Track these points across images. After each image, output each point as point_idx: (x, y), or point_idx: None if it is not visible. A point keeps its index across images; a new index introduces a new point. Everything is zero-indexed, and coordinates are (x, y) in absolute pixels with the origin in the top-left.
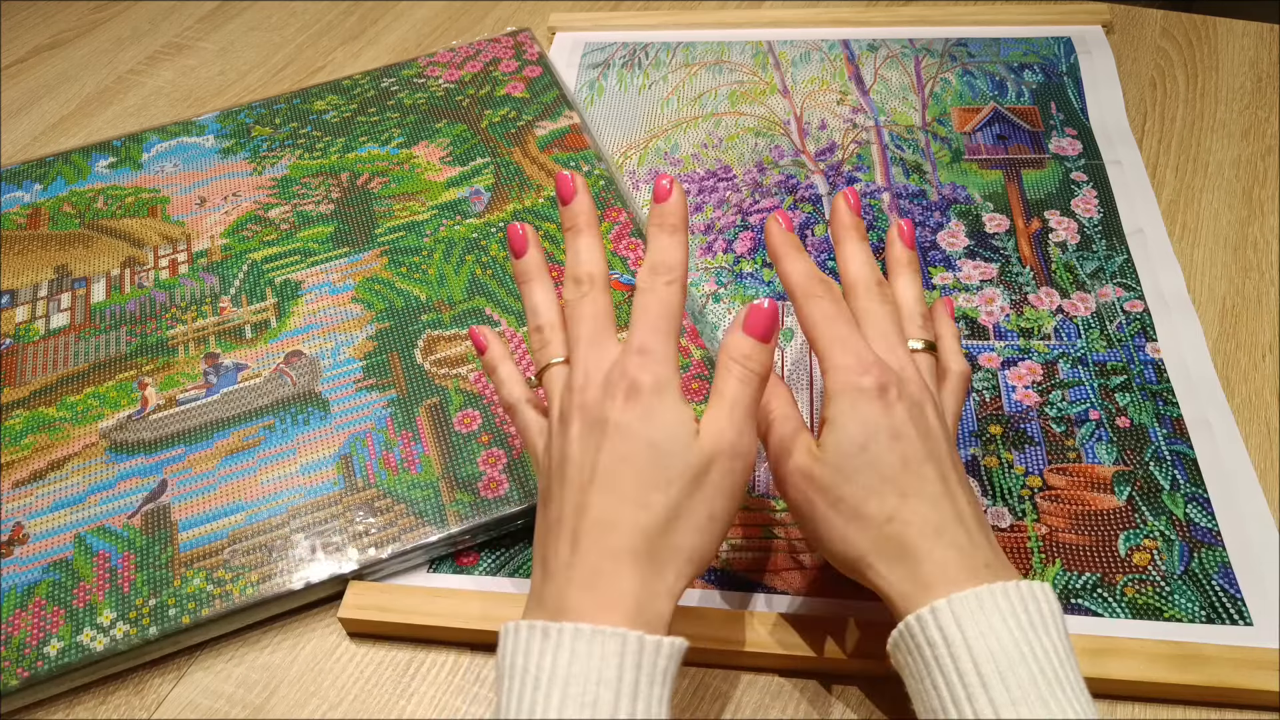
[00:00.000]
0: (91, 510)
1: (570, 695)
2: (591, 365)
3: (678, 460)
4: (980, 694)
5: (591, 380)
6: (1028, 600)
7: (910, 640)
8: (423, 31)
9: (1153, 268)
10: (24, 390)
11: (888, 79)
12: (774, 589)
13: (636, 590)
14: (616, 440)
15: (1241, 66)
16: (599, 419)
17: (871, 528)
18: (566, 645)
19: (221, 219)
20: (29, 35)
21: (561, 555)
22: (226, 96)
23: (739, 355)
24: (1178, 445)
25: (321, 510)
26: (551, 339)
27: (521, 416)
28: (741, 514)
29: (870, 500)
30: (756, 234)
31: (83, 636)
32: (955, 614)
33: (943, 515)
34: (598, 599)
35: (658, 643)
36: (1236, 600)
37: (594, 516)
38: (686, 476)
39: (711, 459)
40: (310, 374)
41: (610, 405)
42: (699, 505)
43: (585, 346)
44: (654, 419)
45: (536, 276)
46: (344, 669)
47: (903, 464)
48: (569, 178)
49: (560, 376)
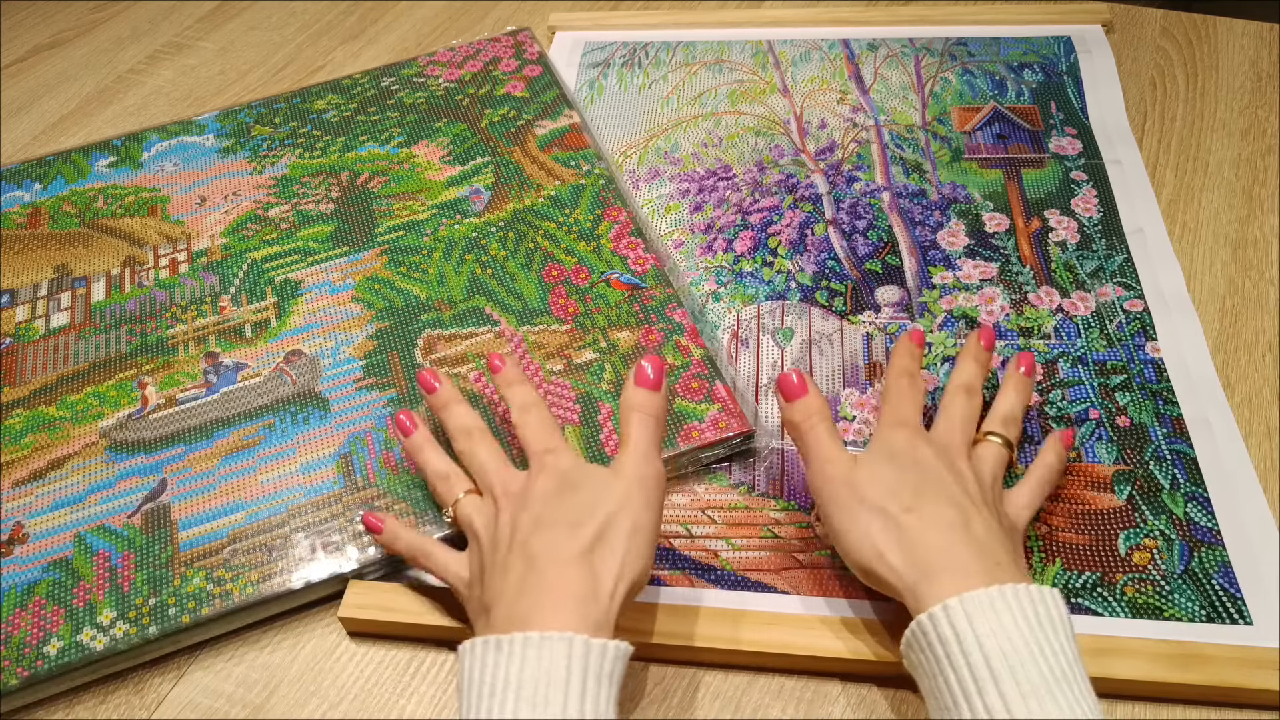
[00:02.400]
0: (91, 509)
1: (523, 698)
2: (507, 478)
3: (599, 490)
4: (991, 689)
5: (512, 484)
6: (1037, 602)
7: (923, 638)
8: (423, 31)
9: (1153, 267)
10: (24, 389)
11: (888, 78)
12: (774, 589)
13: (580, 590)
14: (541, 499)
15: (1241, 66)
16: (526, 493)
17: (889, 520)
18: (518, 653)
19: (221, 218)
20: (29, 35)
21: (498, 588)
22: (226, 96)
23: (636, 404)
24: (1178, 444)
25: (321, 509)
26: (455, 480)
27: (439, 559)
28: (741, 514)
29: (892, 499)
30: (756, 233)
31: (83, 636)
32: (967, 612)
33: (958, 513)
34: (544, 603)
35: (604, 645)
36: (1236, 600)
37: (529, 545)
38: (608, 498)
39: (628, 486)
40: (310, 373)
41: (534, 481)
42: (624, 518)
43: (495, 471)
44: (572, 475)
45: (426, 445)
46: (344, 668)
47: (922, 476)
48: (429, 378)
49: (473, 501)
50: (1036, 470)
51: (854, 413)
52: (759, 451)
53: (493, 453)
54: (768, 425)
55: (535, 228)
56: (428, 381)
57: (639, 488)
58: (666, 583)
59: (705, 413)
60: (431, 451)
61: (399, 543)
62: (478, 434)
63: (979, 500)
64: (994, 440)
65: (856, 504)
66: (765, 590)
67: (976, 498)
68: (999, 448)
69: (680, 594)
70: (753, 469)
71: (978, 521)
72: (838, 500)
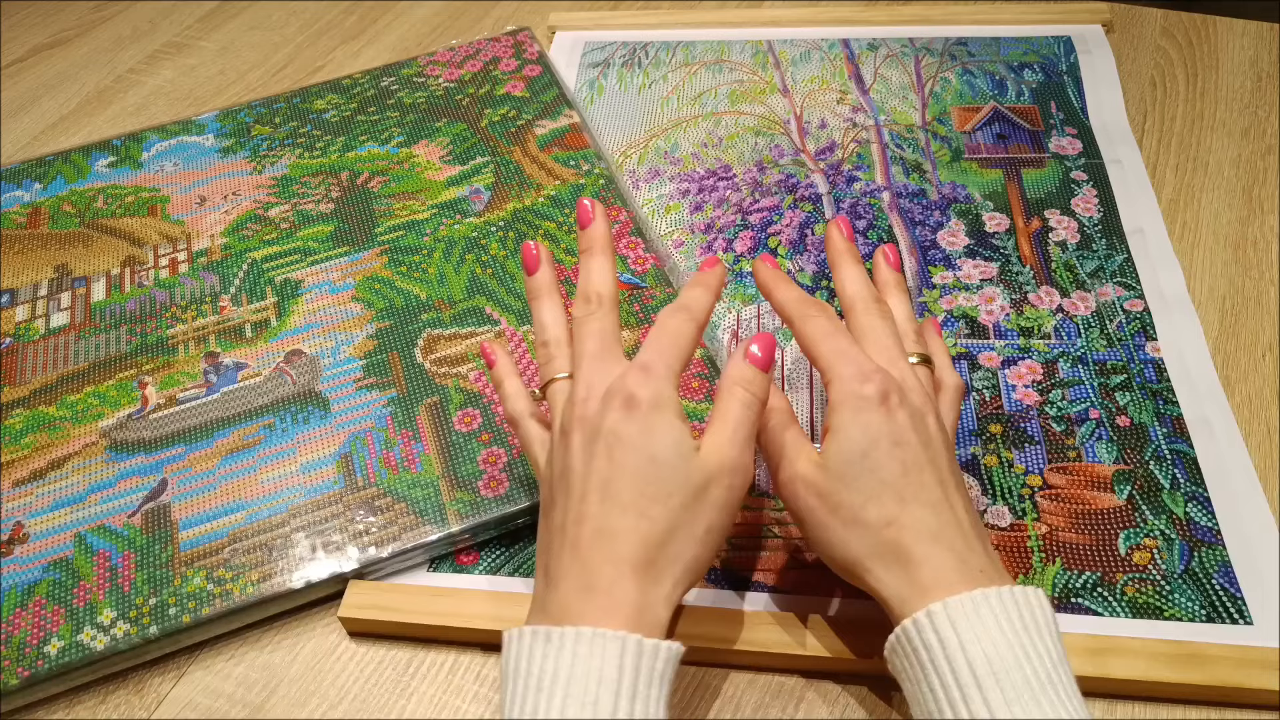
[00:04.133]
0: (92, 509)
1: (572, 695)
2: (594, 380)
3: (678, 474)
4: (975, 695)
5: (593, 394)
6: (1021, 605)
7: (907, 644)
8: (422, 31)
9: (1153, 267)
10: (24, 389)
11: (888, 78)
12: (775, 588)
13: (636, 598)
14: (616, 451)
15: (1241, 66)
16: (597, 429)
17: (870, 533)
18: (568, 648)
19: (221, 218)
20: (29, 34)
21: (563, 563)
22: (226, 96)
23: (742, 380)
24: (1178, 444)
25: (322, 509)
26: (557, 354)
27: (524, 430)
28: (741, 512)
29: (870, 506)
30: (756, 233)
31: (83, 635)
32: (950, 617)
33: (940, 521)
34: (599, 605)
35: (656, 646)
36: (1237, 599)
37: (595, 525)
38: (687, 491)
39: (712, 476)
40: (310, 373)
41: (608, 416)
42: (698, 519)
43: (589, 362)
44: (653, 433)
45: (546, 293)
46: (344, 668)
47: (903, 470)
48: (589, 206)
49: (563, 391)
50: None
51: None
52: (758, 453)
53: (602, 338)
54: None
55: (535, 227)
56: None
57: (725, 481)
58: None
59: (705, 412)
60: (549, 304)
61: (500, 388)
62: (598, 306)
63: (950, 477)
64: (915, 362)
65: (828, 514)
66: (766, 590)
67: (949, 474)
68: (924, 369)
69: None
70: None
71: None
72: (807, 509)
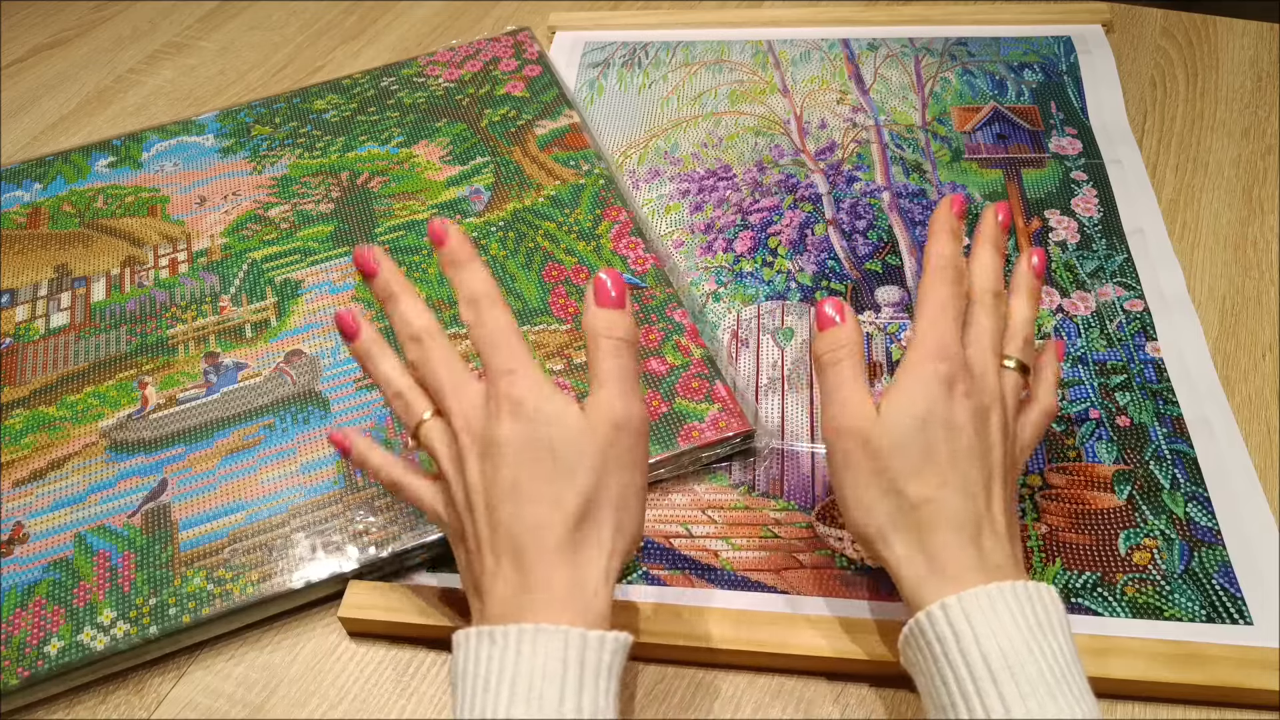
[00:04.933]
0: (92, 509)
1: (517, 694)
2: (466, 404)
3: (575, 450)
4: (990, 689)
5: (471, 416)
6: (1035, 601)
7: (921, 637)
8: (422, 31)
9: (1153, 267)
10: (24, 389)
11: (888, 78)
12: (774, 589)
13: (571, 582)
14: (511, 453)
15: (1242, 66)
16: (490, 441)
17: (904, 505)
18: (512, 646)
19: (221, 218)
20: (29, 34)
21: (489, 570)
22: (226, 96)
23: (602, 330)
24: (1178, 444)
25: (322, 509)
26: (413, 399)
27: (412, 488)
28: (741, 514)
29: (912, 481)
30: (756, 233)
31: (83, 636)
32: (965, 610)
33: (973, 513)
34: (538, 599)
35: (601, 638)
36: (1237, 599)
37: (511, 528)
38: (587, 463)
39: (608, 439)
40: (310, 373)
41: (497, 426)
42: (608, 484)
43: (451, 392)
44: (541, 422)
45: (376, 351)
46: (344, 668)
47: (950, 454)
48: (367, 255)
49: (435, 428)
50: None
51: None
52: (759, 451)
53: (449, 367)
54: (768, 425)
55: (535, 227)
56: (365, 262)
57: (621, 440)
58: (666, 582)
59: (705, 412)
60: (382, 359)
61: (368, 465)
62: (429, 340)
63: (999, 479)
64: (1010, 366)
65: (870, 474)
66: (766, 590)
67: (998, 475)
68: (1017, 376)
69: (680, 594)
70: (753, 469)
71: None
72: (850, 462)
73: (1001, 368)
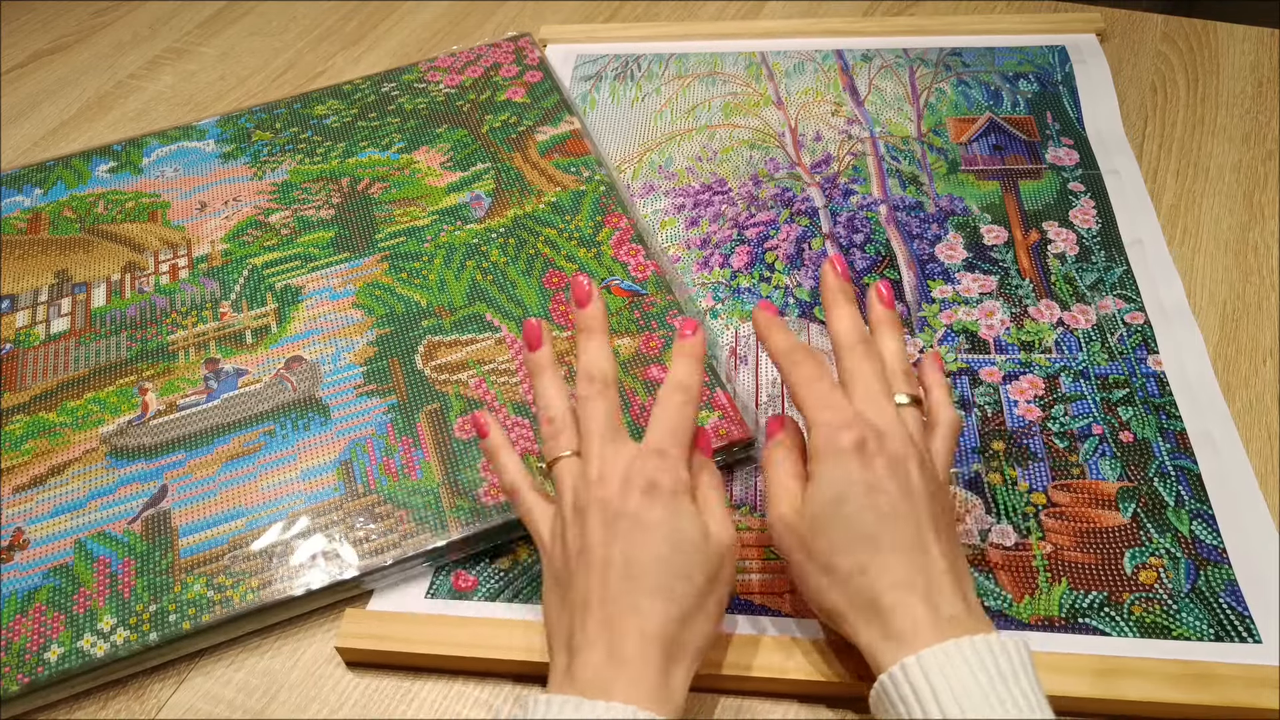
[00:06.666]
0: (92, 516)
1: None
2: (608, 461)
3: (697, 558)
4: None
5: (608, 476)
6: (997, 652)
7: (885, 698)
8: (423, 36)
9: (1152, 279)
10: (24, 395)
11: (882, 89)
12: (778, 612)
13: (660, 675)
14: (637, 534)
15: (1242, 71)
16: (619, 513)
17: (843, 581)
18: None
19: (222, 224)
20: (29, 40)
21: (589, 633)
22: (227, 101)
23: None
24: (1181, 460)
25: (322, 516)
26: (563, 431)
27: (525, 500)
28: (745, 535)
29: (841, 555)
30: (753, 248)
31: (83, 642)
32: (924, 669)
33: (912, 568)
34: (627, 676)
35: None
36: (1245, 618)
37: (622, 602)
38: (705, 573)
39: (724, 556)
40: (311, 379)
41: (630, 500)
42: (711, 597)
43: (599, 442)
44: (674, 519)
45: (549, 369)
46: (345, 674)
47: (877, 518)
48: (586, 285)
49: (571, 468)
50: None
51: None
52: (760, 460)
53: (608, 418)
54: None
55: (536, 234)
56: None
57: (730, 559)
58: None
59: (706, 420)
60: (551, 381)
61: (496, 460)
62: (602, 386)
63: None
64: (903, 402)
65: (806, 560)
66: (769, 613)
67: (927, 520)
68: (912, 410)
69: None
70: (754, 489)
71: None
72: (790, 550)
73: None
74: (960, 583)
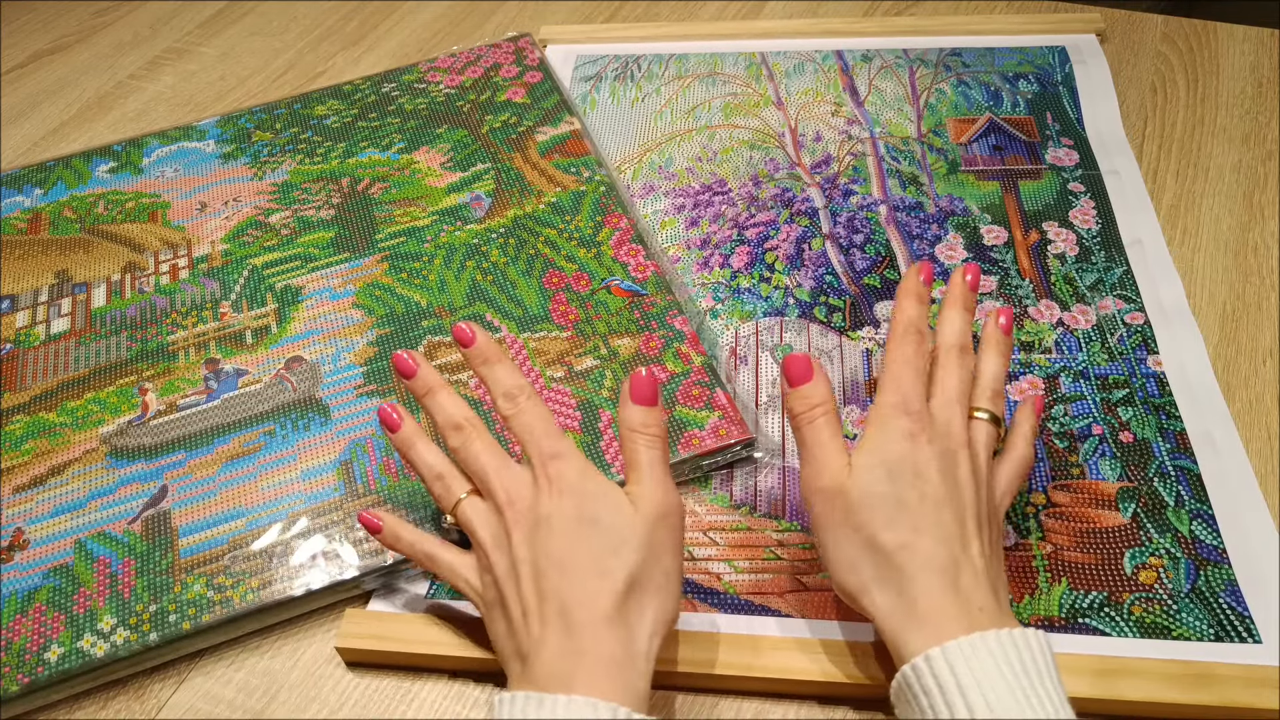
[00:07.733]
0: (92, 516)
1: None
2: (509, 483)
3: (622, 528)
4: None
5: (516, 493)
6: (1021, 648)
7: (908, 690)
8: (423, 36)
9: (1152, 279)
10: (24, 395)
11: (882, 90)
12: (778, 612)
13: (618, 653)
14: (559, 529)
15: (1242, 71)
16: (538, 518)
17: (880, 555)
18: (560, 715)
19: (222, 224)
20: (29, 40)
21: (534, 635)
22: (227, 101)
23: (637, 425)
24: (1181, 460)
25: (322, 516)
26: (453, 480)
27: (446, 560)
28: (743, 535)
29: (886, 530)
30: (753, 248)
31: (83, 642)
32: (949, 661)
33: (950, 557)
34: (586, 665)
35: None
36: (1245, 618)
37: (560, 598)
38: (634, 542)
39: (652, 524)
40: (311, 380)
41: (543, 503)
42: (653, 566)
43: (494, 474)
44: (589, 501)
45: (417, 439)
46: (345, 674)
47: (920, 500)
48: (405, 359)
49: (474, 505)
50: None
51: (855, 430)
52: (759, 461)
53: (491, 451)
54: (769, 433)
55: (536, 234)
56: (404, 364)
57: (663, 526)
58: None
59: (706, 420)
60: (423, 446)
61: (400, 543)
62: (470, 428)
63: (973, 521)
64: (982, 418)
65: (846, 528)
66: (770, 614)
67: (971, 517)
68: (988, 426)
69: (683, 619)
70: (754, 489)
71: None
72: (827, 518)
73: (972, 418)
74: (995, 582)
